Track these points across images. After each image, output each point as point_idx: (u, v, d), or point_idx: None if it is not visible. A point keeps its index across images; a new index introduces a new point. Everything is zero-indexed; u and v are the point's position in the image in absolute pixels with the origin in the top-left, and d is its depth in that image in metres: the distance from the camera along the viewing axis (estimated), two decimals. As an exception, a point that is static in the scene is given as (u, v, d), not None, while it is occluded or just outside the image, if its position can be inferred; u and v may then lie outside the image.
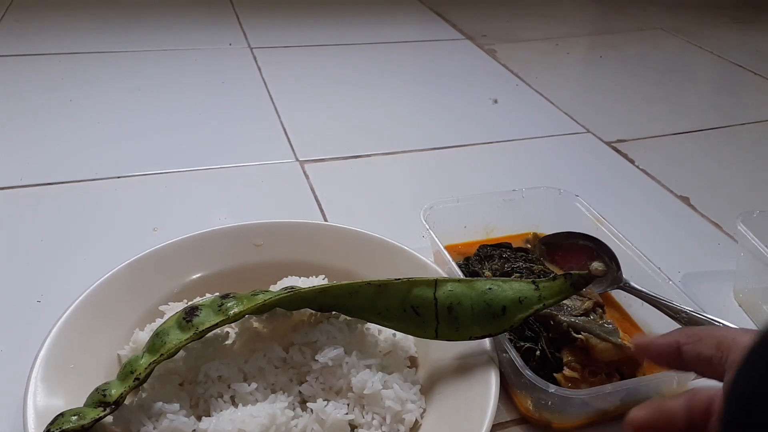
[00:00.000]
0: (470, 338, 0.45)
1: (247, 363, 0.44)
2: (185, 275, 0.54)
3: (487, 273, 0.55)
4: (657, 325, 0.53)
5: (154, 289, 0.52)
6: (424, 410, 0.45)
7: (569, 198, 0.63)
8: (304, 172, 0.77)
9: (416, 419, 0.44)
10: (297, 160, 0.80)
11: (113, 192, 0.72)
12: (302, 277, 0.53)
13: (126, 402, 0.41)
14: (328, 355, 0.44)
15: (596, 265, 0.43)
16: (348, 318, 0.47)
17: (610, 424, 0.47)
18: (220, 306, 0.43)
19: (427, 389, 0.46)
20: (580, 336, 0.47)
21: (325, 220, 0.68)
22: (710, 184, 0.81)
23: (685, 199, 0.77)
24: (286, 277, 0.53)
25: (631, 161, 0.84)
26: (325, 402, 0.43)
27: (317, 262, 0.55)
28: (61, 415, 0.39)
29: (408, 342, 0.49)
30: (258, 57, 1.08)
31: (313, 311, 0.47)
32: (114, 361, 0.47)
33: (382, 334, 0.48)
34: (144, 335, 0.47)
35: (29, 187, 0.71)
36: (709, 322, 0.50)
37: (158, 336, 0.42)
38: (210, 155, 0.79)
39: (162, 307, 0.50)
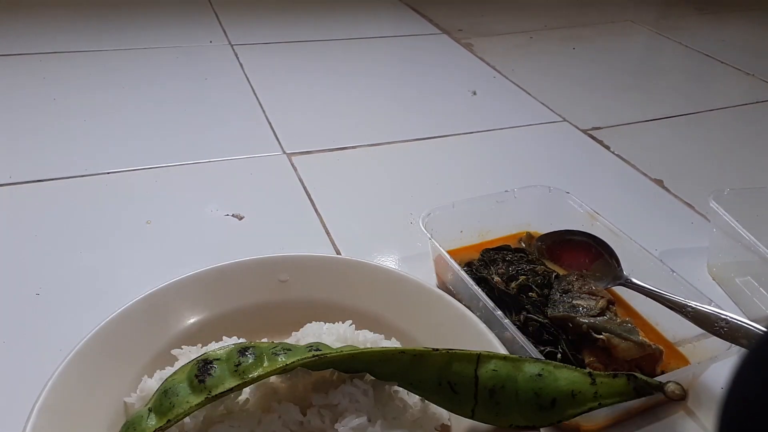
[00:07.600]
0: (510, 426, 0.41)
1: (260, 425, 0.39)
2: (203, 312, 0.50)
3: (497, 279, 0.55)
4: (663, 319, 0.54)
5: (170, 327, 0.48)
6: None
7: (560, 195, 0.63)
8: (292, 165, 0.79)
9: None
10: (284, 153, 0.81)
11: (104, 187, 0.72)
12: (327, 323, 0.49)
13: None
14: (349, 424, 0.39)
15: (672, 387, 0.39)
16: (374, 378, 0.42)
17: (633, 420, 0.48)
18: (237, 365, 0.39)
19: None
20: (601, 336, 0.48)
21: (316, 210, 0.70)
22: (682, 167, 0.84)
23: (659, 182, 0.80)
24: (310, 322, 0.49)
25: (607, 147, 0.88)
26: None
27: (343, 302, 0.52)
28: None
29: (440, 409, 0.44)
30: (239, 54, 1.09)
31: None
32: (120, 408, 0.43)
33: (411, 397, 0.43)
34: (152, 383, 0.43)
35: (20, 185, 0.71)
36: (716, 315, 0.49)
37: (166, 394, 0.38)
38: (198, 149, 0.80)
39: (174, 351, 0.47)
